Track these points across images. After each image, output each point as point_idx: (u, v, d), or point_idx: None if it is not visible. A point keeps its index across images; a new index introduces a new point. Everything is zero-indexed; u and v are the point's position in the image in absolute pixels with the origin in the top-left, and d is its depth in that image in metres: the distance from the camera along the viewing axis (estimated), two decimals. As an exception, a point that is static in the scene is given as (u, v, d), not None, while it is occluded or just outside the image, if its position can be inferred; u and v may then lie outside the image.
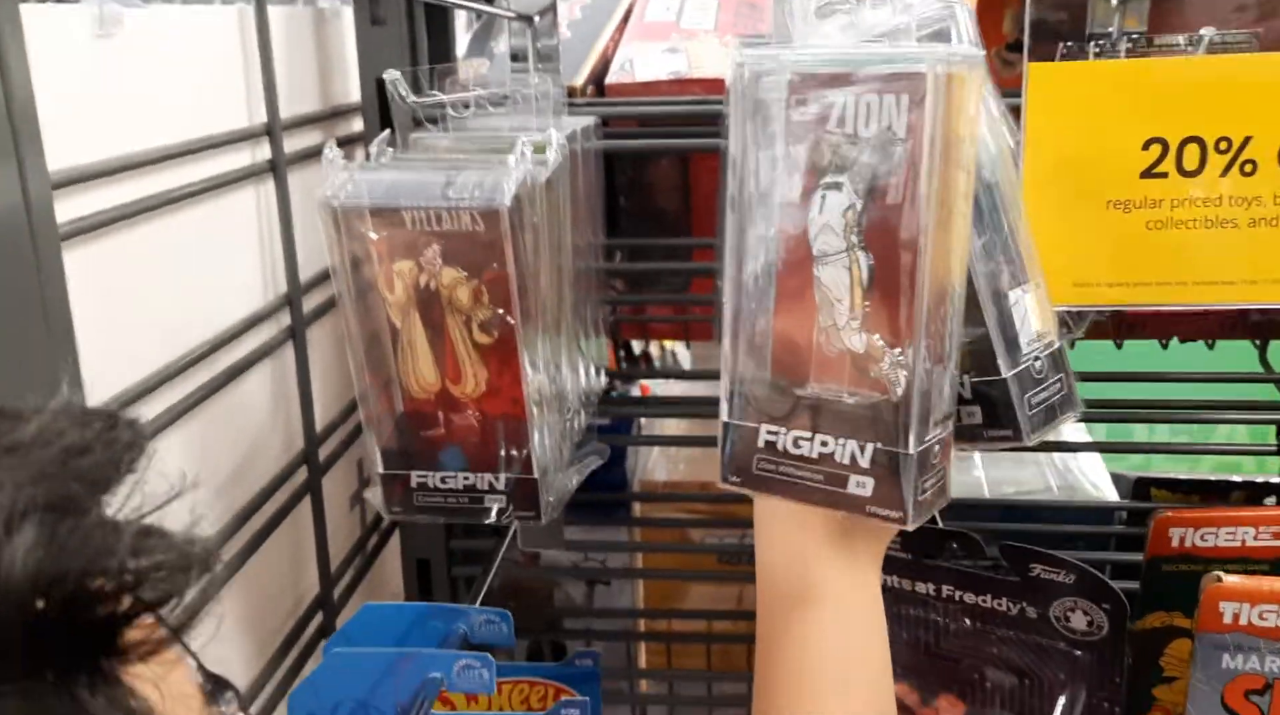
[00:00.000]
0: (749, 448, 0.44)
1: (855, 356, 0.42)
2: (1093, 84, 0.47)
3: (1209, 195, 0.47)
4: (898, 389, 0.42)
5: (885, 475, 0.43)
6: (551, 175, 0.54)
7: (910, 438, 0.43)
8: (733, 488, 0.45)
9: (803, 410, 0.43)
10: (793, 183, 0.41)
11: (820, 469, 0.44)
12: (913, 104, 0.39)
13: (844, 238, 0.41)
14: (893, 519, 0.44)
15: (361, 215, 0.48)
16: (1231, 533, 0.64)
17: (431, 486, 0.53)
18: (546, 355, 0.53)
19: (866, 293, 0.42)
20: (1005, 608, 0.64)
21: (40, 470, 0.24)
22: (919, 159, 0.40)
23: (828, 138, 0.40)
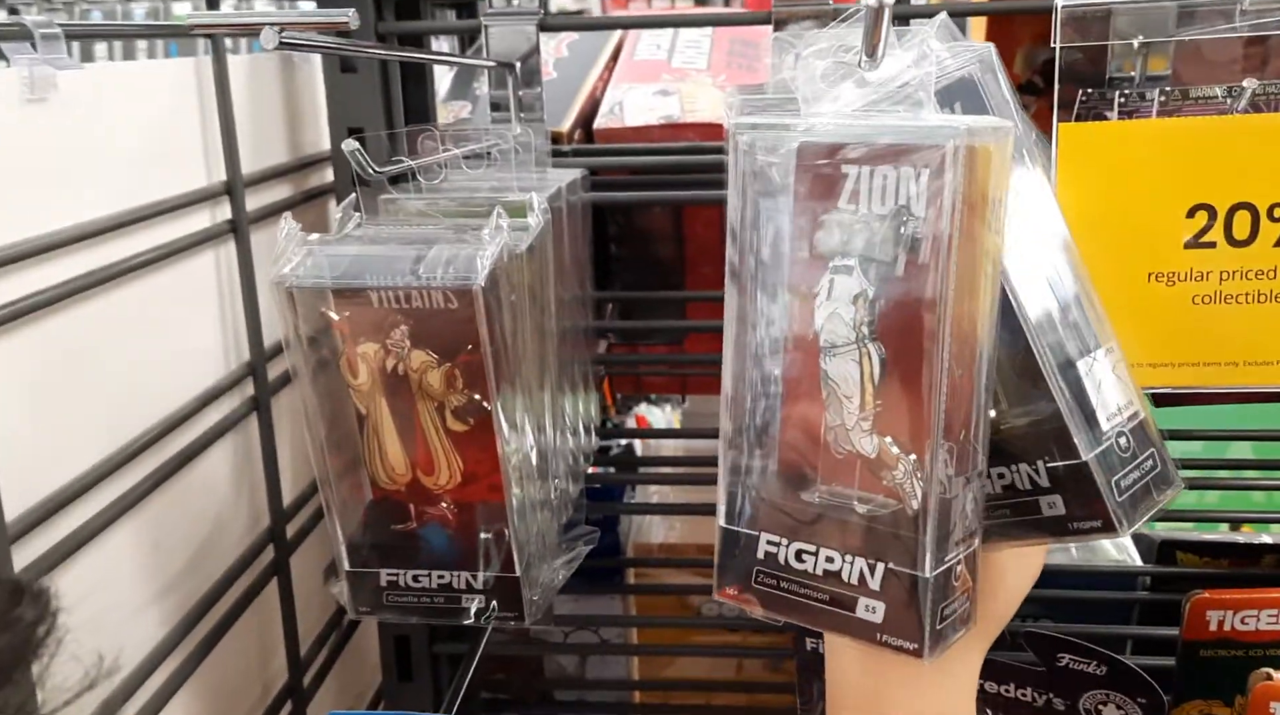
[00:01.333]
0: (748, 558, 0.39)
1: (866, 461, 0.37)
2: (1131, 145, 0.43)
3: (1263, 267, 0.42)
4: (913, 501, 0.37)
5: (898, 599, 0.38)
6: (534, 241, 0.49)
7: (927, 559, 0.37)
8: (730, 600, 0.39)
9: (808, 518, 0.38)
10: (797, 263, 0.36)
11: (825, 588, 0.39)
12: (931, 180, 0.35)
13: (853, 328, 0.36)
14: (907, 650, 0.38)
15: (322, 294, 0.43)
16: (1274, 616, 0.59)
17: (403, 585, 0.48)
18: (528, 429, 0.48)
19: (878, 390, 0.37)
20: (1030, 699, 0.59)
21: None
22: (939, 241, 0.35)
23: (836, 216, 0.36)
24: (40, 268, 0.44)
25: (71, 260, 0.46)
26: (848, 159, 0.35)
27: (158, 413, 0.53)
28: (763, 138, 0.36)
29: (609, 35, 0.95)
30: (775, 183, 0.36)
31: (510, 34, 0.64)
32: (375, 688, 0.84)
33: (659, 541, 0.91)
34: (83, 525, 0.47)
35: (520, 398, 0.47)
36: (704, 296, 0.79)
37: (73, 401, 0.47)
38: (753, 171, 0.36)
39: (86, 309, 0.47)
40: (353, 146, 0.41)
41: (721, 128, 0.79)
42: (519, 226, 0.47)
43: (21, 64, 0.41)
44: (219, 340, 0.60)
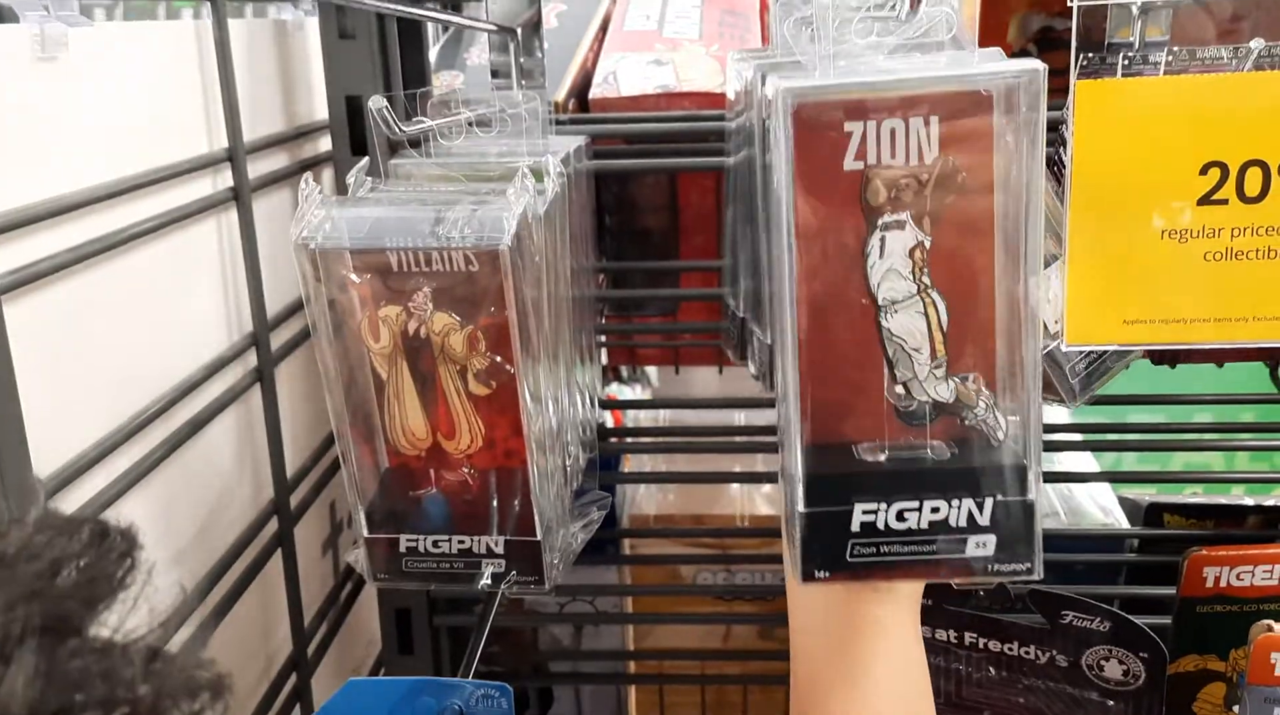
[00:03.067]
0: (840, 534, 0.39)
1: (943, 406, 0.38)
2: (1148, 102, 0.43)
3: (1274, 223, 0.43)
4: (999, 432, 0.38)
5: (1008, 529, 0.39)
6: (549, 206, 0.49)
7: (1031, 482, 0.39)
8: (821, 584, 0.39)
9: (892, 479, 0.39)
10: (841, 226, 0.36)
11: (931, 538, 0.39)
12: (971, 124, 0.35)
13: (914, 280, 0.37)
14: (1020, 574, 0.40)
15: (341, 257, 0.42)
16: (1269, 571, 0.61)
17: (422, 550, 0.48)
18: (546, 395, 0.48)
19: (946, 336, 0.37)
20: (1033, 656, 0.60)
21: (30, 588, 0.22)
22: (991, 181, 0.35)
23: (880, 172, 0.36)
24: (46, 233, 0.43)
25: (74, 226, 0.45)
26: (889, 109, 0.35)
27: (162, 384, 0.53)
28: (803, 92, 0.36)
29: (598, 5, 0.94)
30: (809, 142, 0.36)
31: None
32: (372, 661, 0.84)
33: (654, 513, 0.91)
34: (91, 498, 0.46)
35: (542, 363, 0.47)
36: (701, 266, 0.79)
37: (77, 371, 0.46)
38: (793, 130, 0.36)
39: (91, 276, 0.46)
40: (380, 103, 0.40)
41: (716, 96, 0.79)
42: (538, 189, 0.47)
43: (33, 21, 0.40)
44: (221, 310, 0.59)
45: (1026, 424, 0.37)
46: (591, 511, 0.53)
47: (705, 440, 0.88)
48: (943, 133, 0.36)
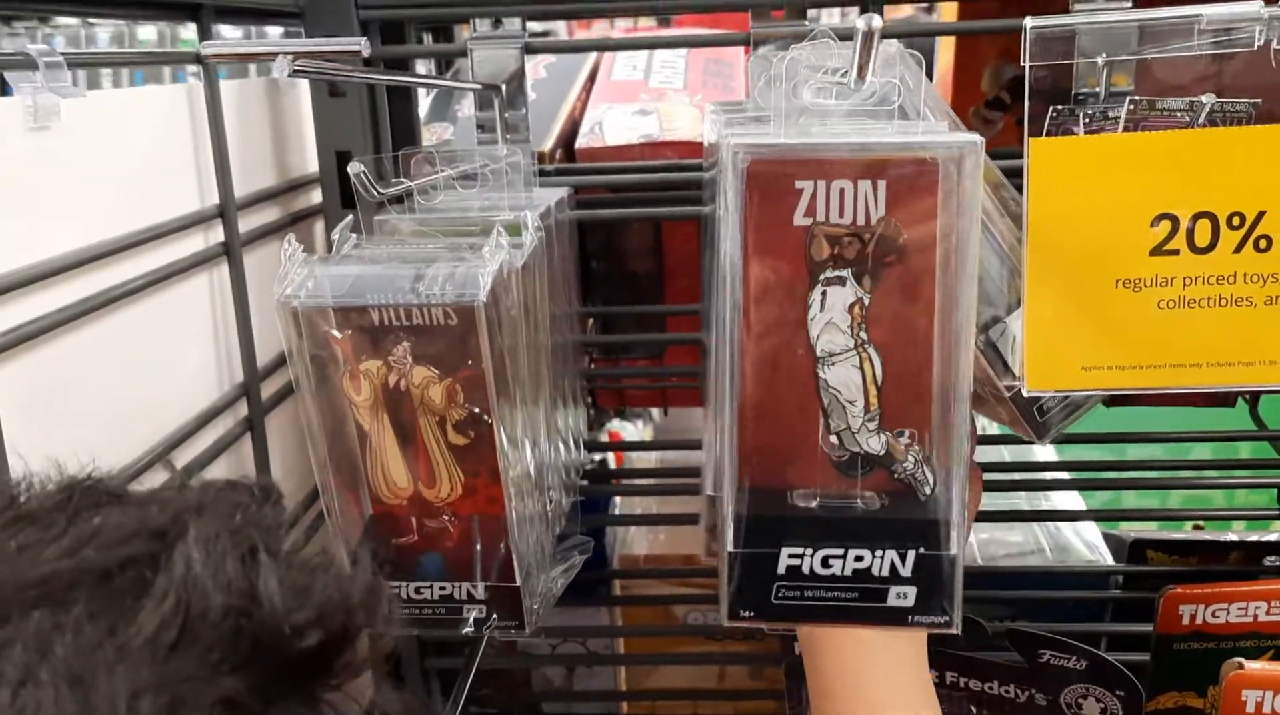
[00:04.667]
0: (766, 576, 0.40)
1: (872, 458, 0.39)
2: (1098, 158, 0.45)
3: (1223, 273, 0.44)
4: (926, 488, 0.39)
5: (928, 581, 0.40)
6: (528, 258, 0.51)
7: (953, 537, 0.40)
8: (745, 625, 0.41)
9: (821, 526, 0.40)
10: (786, 278, 0.38)
11: (854, 586, 0.41)
12: (923, 190, 0.37)
13: (851, 335, 0.38)
14: (938, 625, 0.41)
15: (324, 313, 0.44)
16: (1243, 608, 0.62)
17: (405, 597, 0.49)
18: (526, 442, 0.49)
19: (880, 390, 0.39)
20: (1013, 695, 0.61)
21: (232, 526, 0.26)
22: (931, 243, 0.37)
23: (825, 229, 0.37)
24: (40, 293, 0.45)
25: (69, 286, 0.47)
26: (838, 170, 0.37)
27: (155, 434, 0.54)
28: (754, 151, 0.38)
29: (585, 57, 0.96)
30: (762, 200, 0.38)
31: (495, 57, 0.66)
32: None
33: (644, 553, 0.92)
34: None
35: (519, 411, 0.48)
36: (686, 310, 0.81)
37: (70, 426, 0.47)
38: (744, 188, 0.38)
39: (84, 334, 0.48)
40: (357, 169, 0.42)
41: (698, 145, 0.81)
42: (515, 244, 0.48)
43: (26, 93, 0.42)
44: (213, 361, 0.61)
45: (950, 481, 0.38)
46: (573, 556, 0.54)
47: (695, 481, 0.89)
48: (888, 196, 0.37)
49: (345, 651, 0.27)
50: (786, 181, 0.38)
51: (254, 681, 0.24)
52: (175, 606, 0.24)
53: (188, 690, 0.23)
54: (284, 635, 0.25)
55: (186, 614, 0.24)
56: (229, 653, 0.24)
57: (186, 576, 0.24)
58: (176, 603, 0.24)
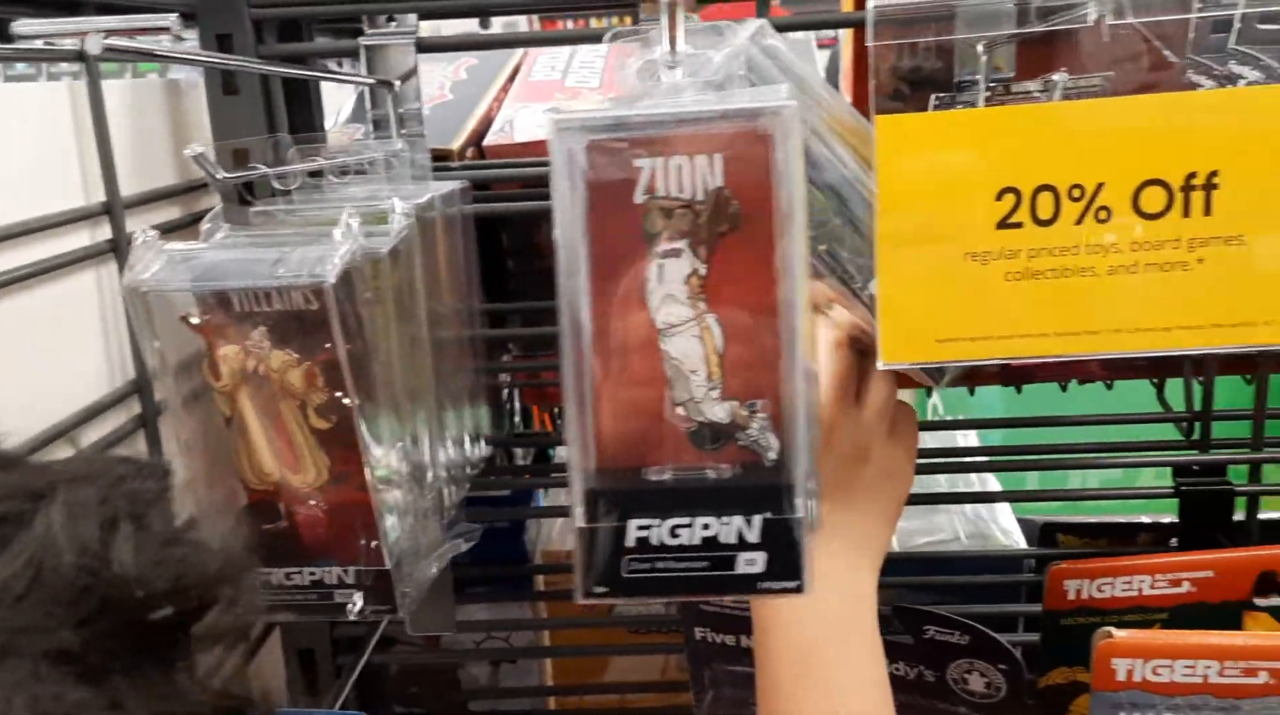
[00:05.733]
0: (616, 551, 0.41)
1: (718, 427, 0.40)
2: (942, 135, 0.46)
3: (1065, 244, 0.45)
4: (771, 454, 0.40)
5: (777, 546, 0.41)
6: (398, 245, 0.51)
7: (798, 501, 0.41)
8: (598, 601, 0.41)
9: (664, 497, 0.41)
10: (623, 252, 0.39)
11: (704, 555, 0.41)
12: (748, 158, 0.38)
13: (690, 305, 0.39)
14: (789, 590, 0.41)
15: (179, 299, 0.44)
16: (1128, 582, 0.63)
17: (276, 584, 0.49)
18: (398, 433, 0.49)
19: (723, 359, 0.40)
20: (903, 672, 0.62)
21: (103, 494, 0.28)
22: (768, 212, 0.38)
23: (658, 203, 0.38)
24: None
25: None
26: (656, 149, 0.38)
27: (36, 427, 0.54)
28: (578, 127, 0.39)
29: (509, 58, 0.97)
30: (592, 175, 0.39)
31: (389, 54, 0.67)
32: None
33: (568, 548, 0.93)
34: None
35: (387, 400, 0.49)
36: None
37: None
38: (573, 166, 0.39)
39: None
40: (196, 151, 0.42)
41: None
42: (380, 232, 0.49)
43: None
44: (103, 360, 0.61)
45: (795, 446, 0.39)
46: (451, 544, 0.54)
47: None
48: (725, 167, 0.38)
49: (201, 622, 0.28)
50: (623, 158, 0.39)
51: (99, 641, 0.25)
52: (27, 562, 0.25)
53: (23, 639, 0.24)
54: (135, 600, 0.26)
55: (38, 570, 0.25)
56: (74, 610, 0.25)
57: (45, 535, 0.26)
58: (29, 558, 0.25)
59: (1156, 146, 0.44)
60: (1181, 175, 0.44)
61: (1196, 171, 0.44)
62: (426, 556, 0.52)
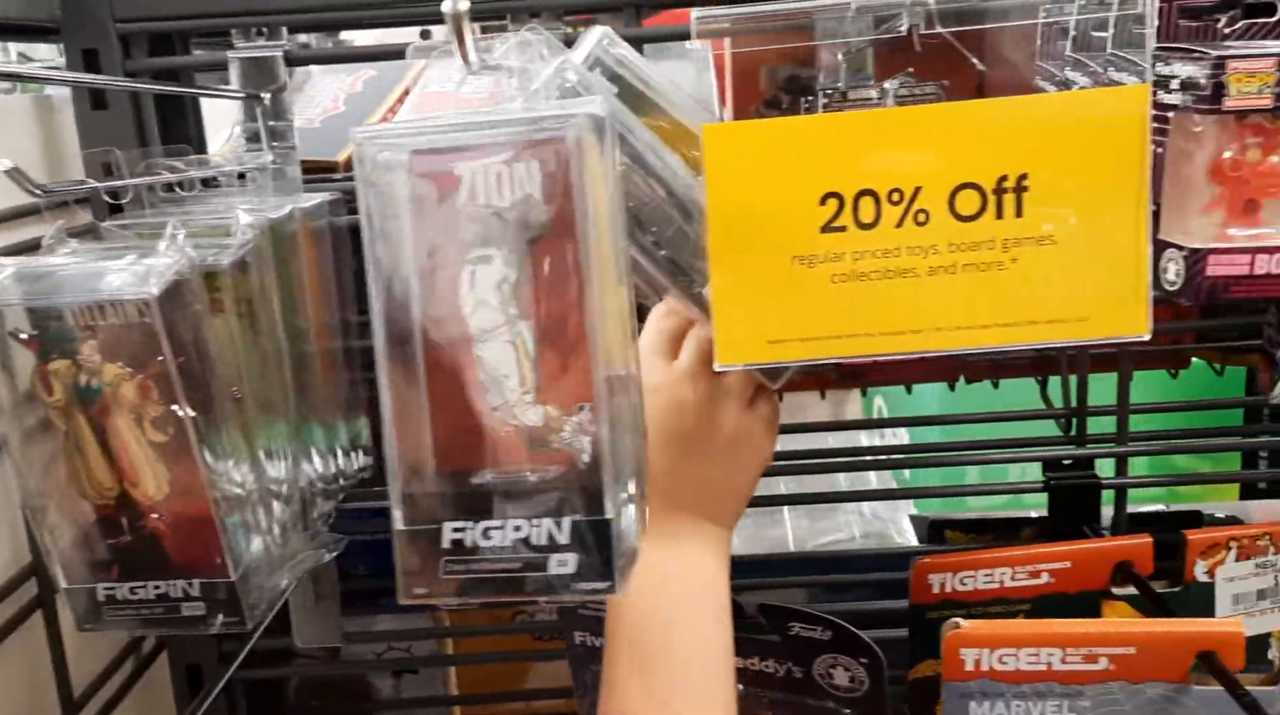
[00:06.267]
0: (433, 552, 0.41)
1: (533, 431, 0.41)
2: (765, 142, 0.47)
3: (887, 247, 0.47)
4: (584, 456, 0.41)
5: (587, 547, 0.42)
6: (245, 257, 0.52)
7: (607, 502, 0.41)
8: (420, 601, 0.42)
9: (485, 499, 0.41)
10: (434, 261, 0.40)
11: (516, 557, 0.42)
12: (552, 166, 0.39)
13: (502, 311, 0.40)
14: (601, 591, 0.42)
15: (12, 313, 0.44)
16: (989, 574, 0.64)
17: (120, 598, 0.49)
18: (241, 446, 0.50)
19: (535, 364, 0.40)
20: (772, 669, 0.63)
21: None
22: (570, 220, 0.39)
23: (468, 210, 0.39)
24: None
25: None
26: (461, 158, 0.39)
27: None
28: (382, 141, 0.39)
29: (407, 71, 0.97)
30: (398, 187, 0.39)
31: (258, 67, 0.67)
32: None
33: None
34: None
35: (231, 412, 0.49)
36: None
37: None
38: (379, 178, 0.40)
39: None
40: (7, 166, 0.42)
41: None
42: (220, 244, 0.49)
43: None
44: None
45: (607, 448, 0.40)
46: (306, 555, 0.54)
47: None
48: (541, 174, 0.39)
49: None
50: (443, 167, 0.39)
51: None
52: None
53: None
54: None
55: None
56: None
57: None
58: None
59: (969, 151, 0.46)
60: (993, 178, 0.46)
61: (1007, 174, 0.46)
62: (278, 567, 0.52)
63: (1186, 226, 0.49)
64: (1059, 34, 0.57)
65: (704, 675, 0.51)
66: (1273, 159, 0.47)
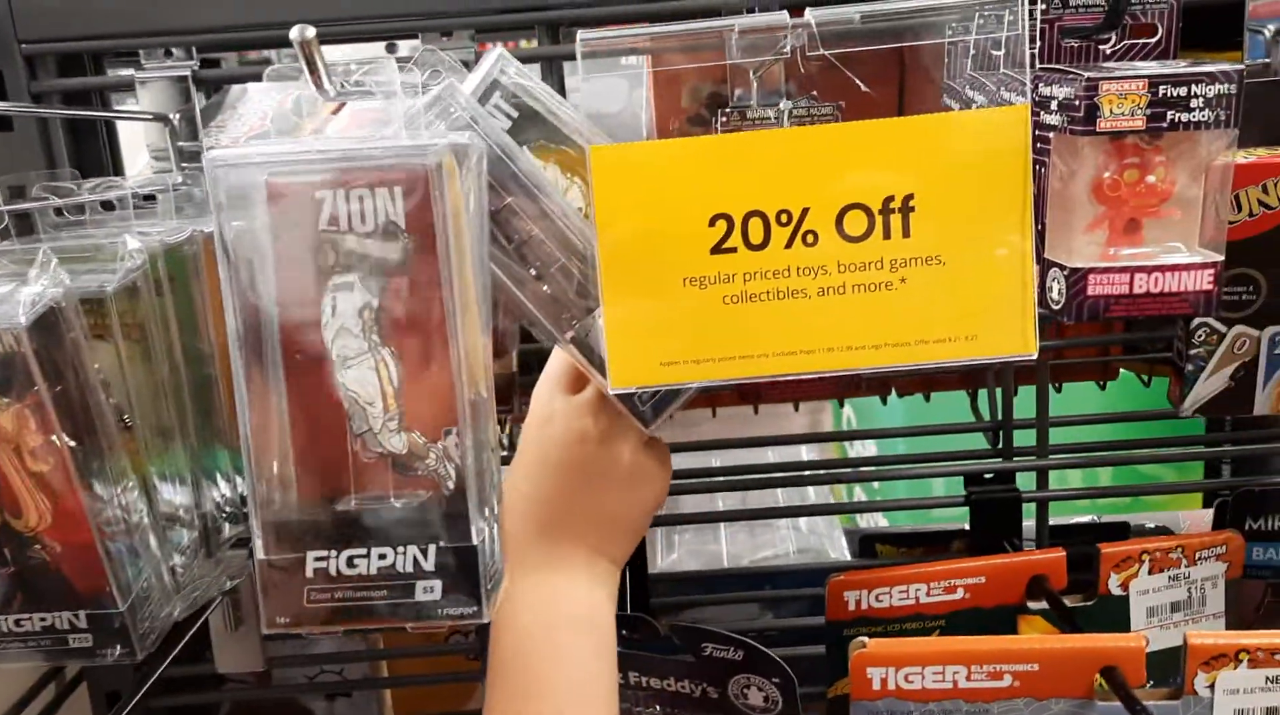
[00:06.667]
0: (296, 582, 0.41)
1: (398, 458, 0.40)
2: (653, 164, 0.47)
3: (777, 267, 0.47)
4: (449, 482, 0.41)
5: (453, 573, 0.41)
6: (137, 281, 0.51)
7: (473, 528, 0.41)
8: (282, 630, 0.41)
9: (350, 527, 0.41)
10: (296, 287, 0.39)
11: (381, 584, 0.41)
12: (411, 194, 0.38)
13: (364, 338, 0.39)
14: (468, 616, 0.42)
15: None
16: (904, 591, 0.64)
17: (7, 630, 0.48)
18: (129, 474, 0.49)
19: (398, 390, 0.40)
20: (689, 690, 0.63)
21: None
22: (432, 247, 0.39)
23: (328, 237, 0.39)
24: None
25: None
26: (322, 185, 0.38)
27: None
28: (240, 165, 0.39)
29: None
30: (258, 211, 0.39)
31: (165, 88, 0.66)
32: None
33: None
34: None
35: (119, 440, 0.48)
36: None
37: None
38: (236, 202, 0.39)
39: None
40: None
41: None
42: (108, 269, 0.49)
43: None
44: None
45: (471, 475, 0.40)
46: (222, 580, 0.54)
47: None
48: (404, 202, 0.39)
49: None
50: (301, 193, 0.39)
51: None
52: None
53: None
54: None
55: None
56: None
57: None
58: None
59: (854, 172, 0.46)
60: (879, 199, 0.46)
61: (894, 195, 0.46)
62: (179, 595, 0.52)
63: (1069, 246, 0.49)
64: (964, 53, 0.57)
65: (581, 708, 0.50)
66: (1149, 179, 0.47)
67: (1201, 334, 0.61)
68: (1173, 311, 0.47)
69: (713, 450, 0.92)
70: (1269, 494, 0.69)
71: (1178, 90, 0.45)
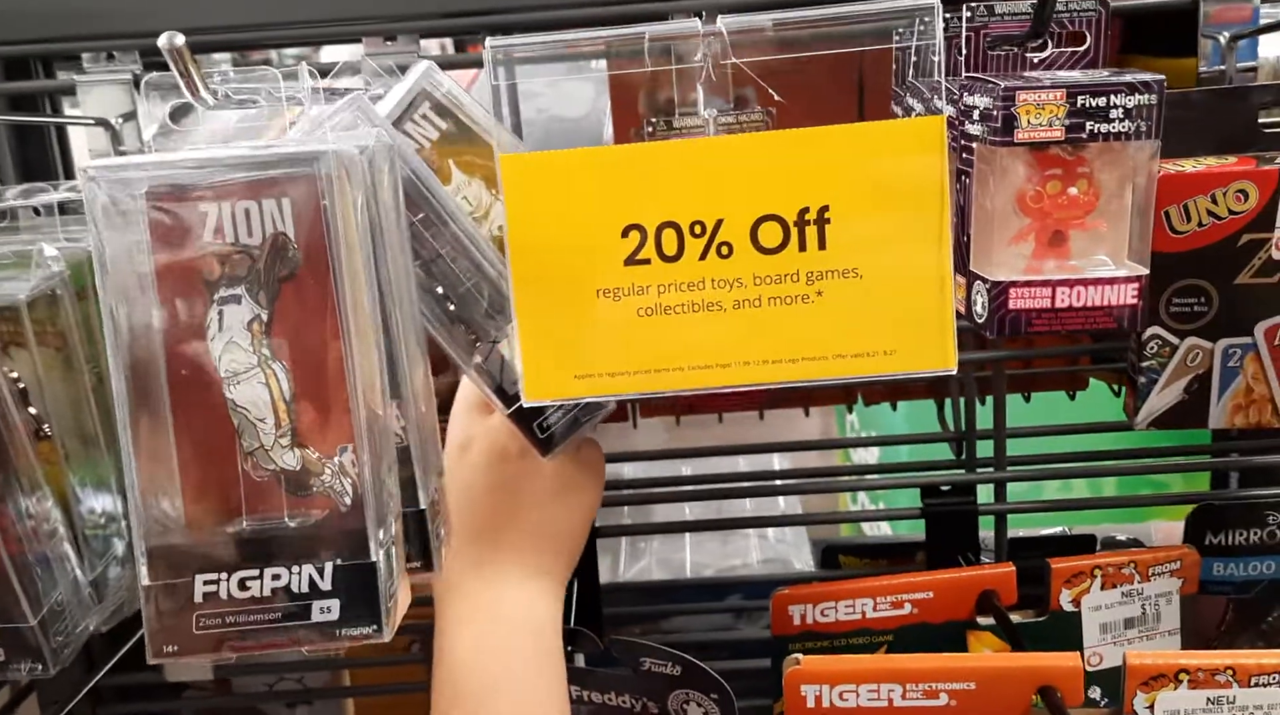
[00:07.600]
0: (184, 607, 0.40)
1: (291, 475, 0.40)
2: (567, 173, 0.46)
3: (691, 279, 0.46)
4: (345, 498, 0.40)
5: (351, 592, 0.40)
6: (57, 289, 0.51)
7: (371, 545, 0.40)
8: (168, 660, 0.40)
9: (241, 548, 0.40)
10: (180, 302, 0.38)
11: (276, 606, 0.41)
12: (301, 204, 0.38)
13: (254, 352, 0.39)
14: (369, 636, 0.41)
15: None
16: (850, 605, 0.63)
17: (-83, 645, 0.48)
18: (43, 484, 0.48)
19: (290, 406, 0.39)
20: (629, 704, 0.62)
21: None
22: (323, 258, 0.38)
23: (213, 248, 0.38)
24: None
25: None
26: (205, 196, 0.37)
27: None
28: (117, 177, 0.38)
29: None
30: (137, 225, 0.38)
31: (107, 92, 0.66)
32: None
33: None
34: None
35: (27, 449, 0.48)
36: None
37: None
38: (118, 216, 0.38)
39: None
40: None
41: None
42: (24, 277, 0.48)
43: None
44: None
45: (369, 490, 0.39)
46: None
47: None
48: (292, 212, 0.38)
49: None
50: (183, 204, 0.38)
51: None
52: None
53: None
54: None
55: None
56: None
57: None
58: None
59: (769, 183, 0.45)
60: (794, 211, 0.45)
61: (809, 207, 0.45)
62: (91, 609, 0.51)
63: (992, 258, 0.48)
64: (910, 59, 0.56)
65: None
66: (1072, 191, 0.46)
67: (1154, 346, 0.59)
68: (1097, 326, 0.46)
69: (682, 458, 0.91)
70: (1229, 508, 0.68)
71: (1096, 100, 0.44)
